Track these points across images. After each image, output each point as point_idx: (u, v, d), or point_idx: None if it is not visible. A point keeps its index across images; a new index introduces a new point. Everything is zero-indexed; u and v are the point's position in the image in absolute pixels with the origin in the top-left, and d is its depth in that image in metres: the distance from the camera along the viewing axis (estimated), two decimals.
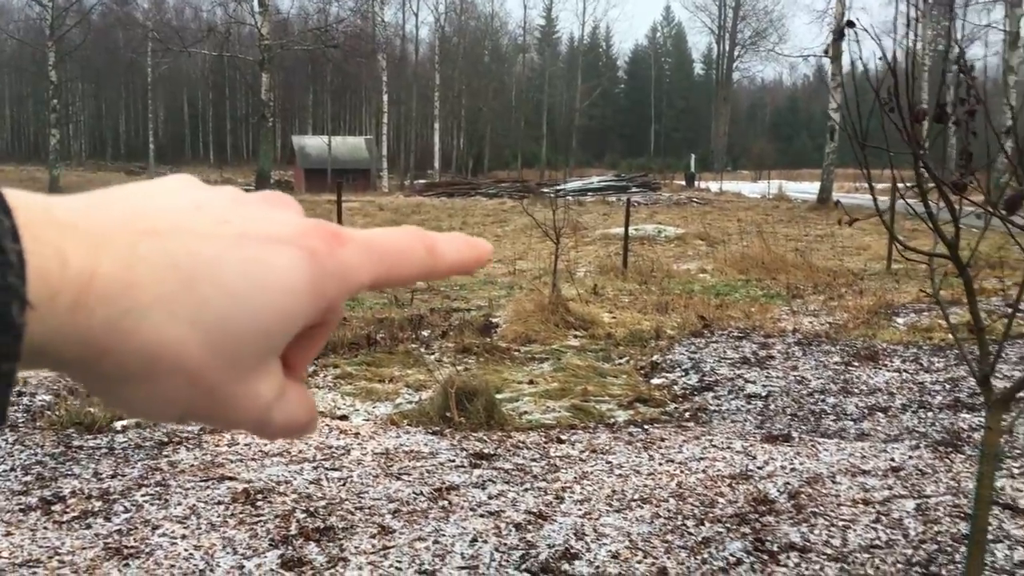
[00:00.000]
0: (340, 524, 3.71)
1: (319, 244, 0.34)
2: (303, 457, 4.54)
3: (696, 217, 23.39)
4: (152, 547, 3.44)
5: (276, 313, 0.33)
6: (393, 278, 0.37)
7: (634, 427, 5.35)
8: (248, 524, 3.68)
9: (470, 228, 20.58)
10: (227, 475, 4.25)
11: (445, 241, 0.39)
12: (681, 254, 14.98)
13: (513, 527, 3.73)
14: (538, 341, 7.79)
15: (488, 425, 5.28)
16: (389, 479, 4.28)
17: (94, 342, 0.31)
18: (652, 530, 3.73)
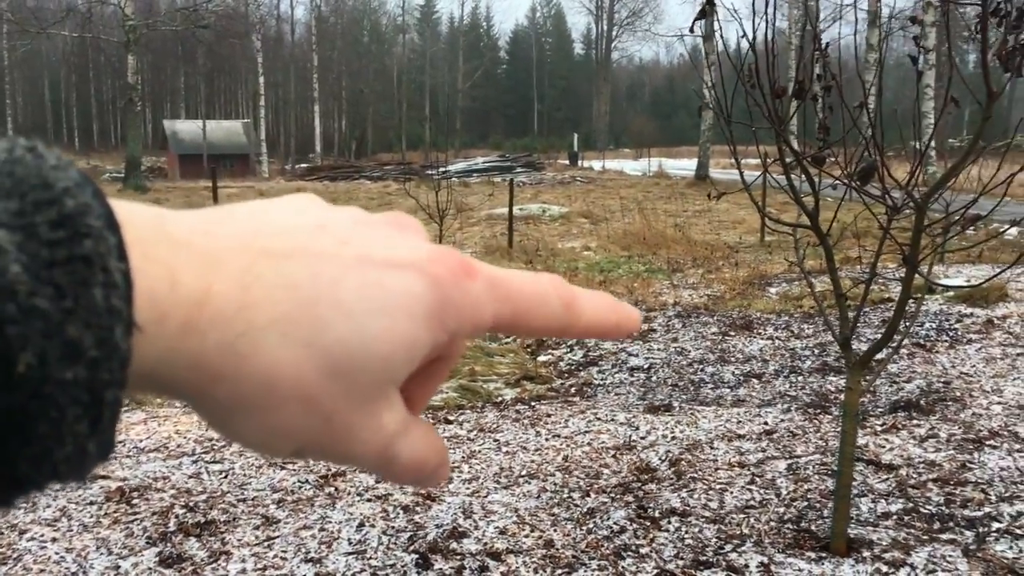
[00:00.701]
0: (222, 517, 3.63)
1: (444, 272, 0.32)
2: (182, 451, 4.41)
3: (580, 196, 23.72)
4: (20, 552, 3.29)
5: (397, 338, 0.31)
6: (520, 325, 0.35)
7: (521, 404, 5.41)
8: (123, 523, 3.55)
9: None
10: (100, 474, 4.08)
11: (587, 299, 0.36)
12: (566, 232, 15.17)
13: (401, 509, 3.72)
14: None
15: None
16: (273, 469, 4.20)
17: (207, 367, 0.29)
18: (539, 504, 3.79)
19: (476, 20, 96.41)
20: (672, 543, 3.39)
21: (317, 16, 53.07)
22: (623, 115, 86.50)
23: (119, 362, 0.26)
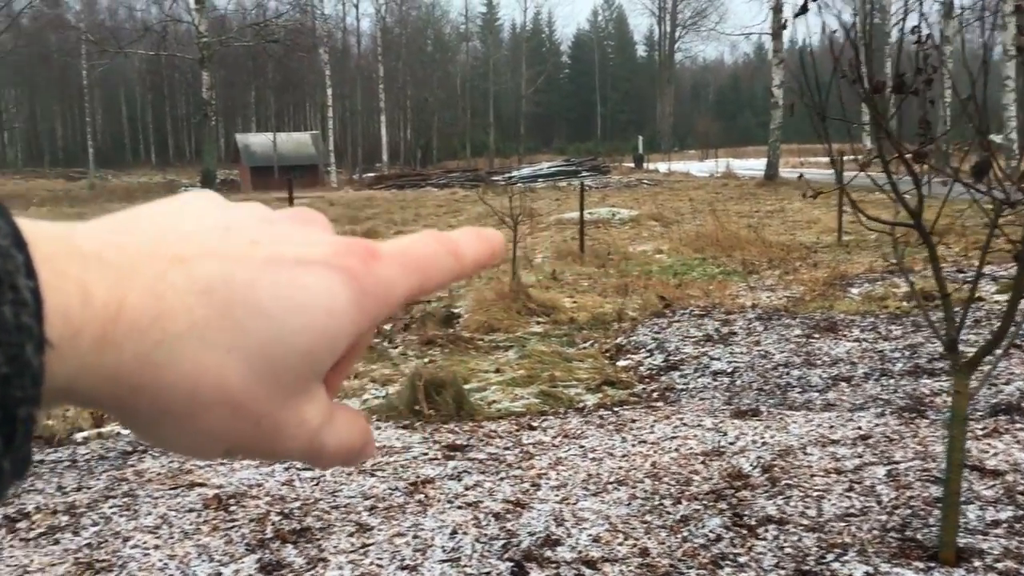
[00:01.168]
0: (316, 524, 3.66)
1: (355, 263, 0.33)
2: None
3: (648, 198, 23.54)
4: (124, 559, 3.36)
5: (318, 335, 0.31)
6: (426, 288, 0.35)
7: (604, 410, 5.37)
8: (222, 530, 3.61)
9: (423, 220, 20.49)
10: (196, 481, 4.17)
11: (464, 241, 0.37)
12: (636, 236, 15.05)
13: (492, 517, 3.71)
14: (501, 329, 7.77)
15: (458, 416, 5.25)
16: (363, 476, 4.23)
17: (126, 379, 0.29)
18: (631, 512, 3.74)
19: (538, 26, 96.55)
20: (771, 552, 3.31)
21: (382, 27, 53.75)
22: (687, 116, 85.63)
23: (31, 379, 0.26)
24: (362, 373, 6.52)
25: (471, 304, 8.56)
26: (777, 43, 27.76)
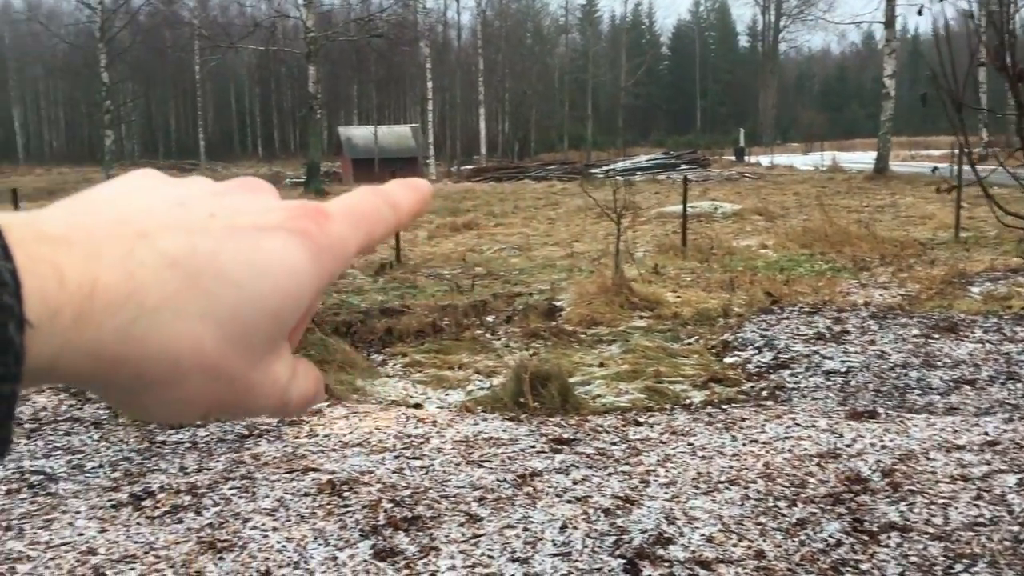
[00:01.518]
0: (427, 513, 3.70)
1: (309, 224, 0.34)
2: (383, 447, 4.54)
3: (750, 192, 23.04)
4: (244, 540, 3.46)
5: (283, 296, 0.33)
6: (373, 241, 0.38)
7: (712, 407, 5.27)
8: (336, 515, 3.68)
9: (522, 211, 20.52)
10: (310, 467, 4.26)
11: (398, 192, 0.40)
12: (740, 230, 14.75)
13: (602, 512, 3.68)
14: (604, 323, 7.71)
15: (563, 410, 5.23)
16: (471, 467, 4.25)
17: (106, 354, 0.30)
18: (744, 512, 3.66)
19: (638, 17, 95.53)
20: (895, 560, 3.19)
21: (482, 21, 54.01)
22: (790, 108, 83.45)
23: (14, 357, 0.28)
24: (467, 364, 6.57)
25: (573, 297, 8.53)
26: (890, 32, 26.79)
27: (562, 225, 17.24)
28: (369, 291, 10.12)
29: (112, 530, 3.58)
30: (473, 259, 12.46)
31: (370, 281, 10.92)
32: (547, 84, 69.58)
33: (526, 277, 10.73)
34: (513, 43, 63.30)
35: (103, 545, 3.43)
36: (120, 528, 3.60)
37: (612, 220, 9.40)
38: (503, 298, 8.91)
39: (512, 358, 6.54)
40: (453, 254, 13.24)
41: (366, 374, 6.32)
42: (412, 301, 9.02)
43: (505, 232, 16.31)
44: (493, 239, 15.00)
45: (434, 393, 5.90)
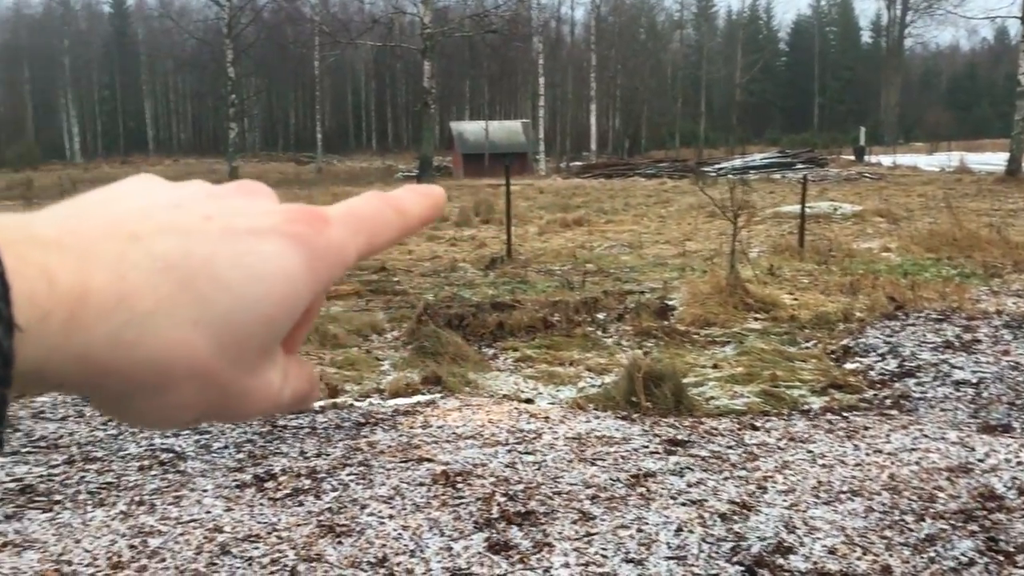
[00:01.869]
0: (540, 509, 3.69)
1: (306, 229, 0.34)
2: (496, 440, 4.56)
3: (871, 193, 22.24)
4: (362, 526, 3.53)
5: (277, 301, 0.32)
6: (375, 247, 0.37)
7: (832, 414, 5.10)
8: (451, 506, 3.72)
9: (633, 209, 20.33)
10: (425, 457, 4.31)
11: (407, 197, 0.39)
12: (860, 232, 14.25)
13: (718, 517, 3.60)
14: (717, 324, 7.56)
15: (677, 411, 5.15)
16: (583, 464, 4.23)
17: (97, 359, 0.30)
18: (867, 525, 3.52)
19: (755, 12, 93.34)
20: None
21: (596, 16, 53.80)
22: (915, 106, 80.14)
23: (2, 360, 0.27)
24: (578, 361, 6.54)
25: (686, 297, 8.39)
26: None
27: (673, 223, 17.01)
28: (480, 285, 10.20)
29: (237, 509, 3.71)
30: (583, 256, 12.41)
31: (481, 275, 11.01)
32: (660, 80, 68.79)
33: (637, 275, 10.62)
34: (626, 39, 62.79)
35: (229, 523, 3.56)
36: (244, 508, 3.72)
37: (726, 219, 9.21)
38: (614, 296, 8.85)
39: (624, 356, 6.48)
40: (563, 250, 13.22)
41: (478, 367, 6.37)
42: (523, 296, 9.04)
43: (615, 229, 16.19)
44: (603, 236, 14.92)
45: (545, 389, 5.90)
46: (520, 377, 6.18)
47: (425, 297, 8.99)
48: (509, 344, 7.09)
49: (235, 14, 34.02)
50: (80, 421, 4.95)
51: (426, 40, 27.21)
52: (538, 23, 44.73)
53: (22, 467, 4.26)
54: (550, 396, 5.74)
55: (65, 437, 4.70)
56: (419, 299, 8.99)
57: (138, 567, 3.16)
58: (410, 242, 15.11)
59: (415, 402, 5.39)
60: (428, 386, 5.78)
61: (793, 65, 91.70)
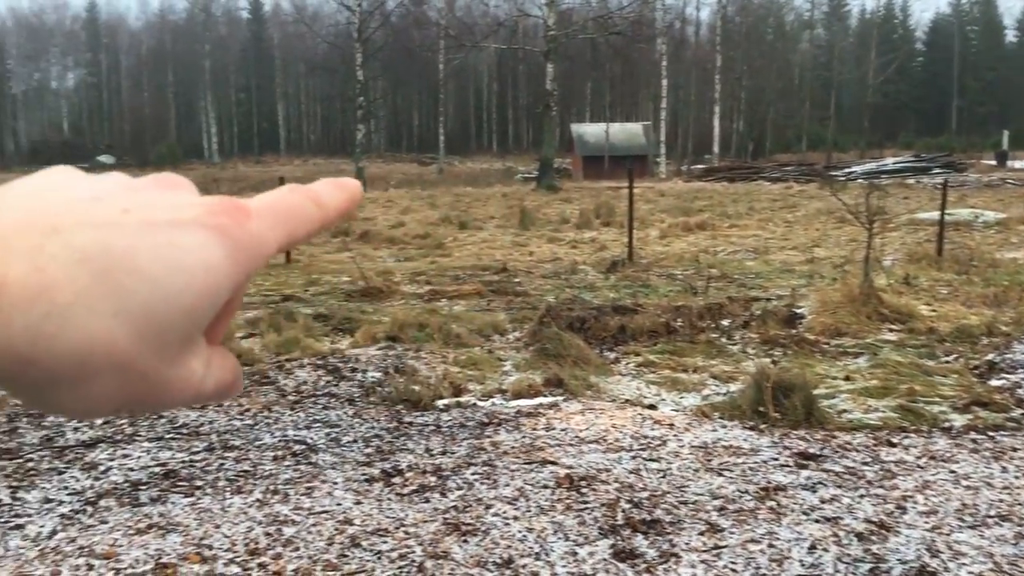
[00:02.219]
0: (666, 518, 3.63)
1: (227, 221, 0.34)
2: (620, 446, 4.52)
3: (1016, 200, 21.07)
4: (487, 526, 3.54)
5: (198, 292, 0.33)
6: (295, 239, 0.37)
7: (976, 433, 4.83)
8: (575, 510, 3.69)
9: (758, 213, 19.86)
10: (548, 459, 4.31)
11: (324, 190, 0.39)
12: (1004, 241, 13.50)
13: (854, 536, 3.46)
14: (849, 334, 7.29)
15: (808, 423, 4.98)
16: (710, 474, 4.14)
17: (16, 351, 0.30)
18: (1019, 553, 3.32)
19: (890, 11, 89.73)
20: None
21: (723, 17, 52.81)
22: None
23: None
24: (702, 368, 6.42)
25: (815, 305, 8.12)
26: None
27: (800, 229, 16.51)
28: (601, 288, 10.15)
29: (366, 503, 3.78)
30: (706, 260, 12.19)
31: (602, 278, 10.95)
32: (787, 82, 66.98)
33: (763, 281, 10.36)
34: (753, 39, 61.39)
35: (358, 516, 3.64)
36: (373, 502, 3.80)
37: (858, 225, 8.87)
38: (739, 302, 8.64)
39: (750, 364, 6.32)
40: (685, 254, 13.02)
41: (599, 371, 6.33)
42: (644, 300, 8.94)
43: (739, 234, 15.84)
44: (727, 240, 14.62)
45: (668, 395, 5.80)
46: (642, 382, 6.11)
47: (546, 299, 9.00)
48: (631, 348, 7.02)
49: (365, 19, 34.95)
50: (219, 410, 5.17)
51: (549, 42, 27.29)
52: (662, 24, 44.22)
53: (166, 452, 4.47)
54: (673, 403, 5.64)
55: (205, 425, 4.90)
56: (540, 300, 9.01)
57: (273, 555, 3.27)
58: (530, 243, 15.19)
59: (537, 404, 5.39)
60: (550, 388, 5.78)
61: (930, 65, 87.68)
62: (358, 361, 6.25)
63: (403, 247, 15.08)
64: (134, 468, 4.27)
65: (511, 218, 19.30)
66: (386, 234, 16.58)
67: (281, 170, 46.72)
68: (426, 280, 10.95)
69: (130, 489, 4.00)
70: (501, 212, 21.30)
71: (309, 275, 11.55)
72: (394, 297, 9.52)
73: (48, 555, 3.27)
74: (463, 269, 11.97)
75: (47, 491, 3.99)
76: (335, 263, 12.79)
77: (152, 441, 4.65)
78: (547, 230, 17.15)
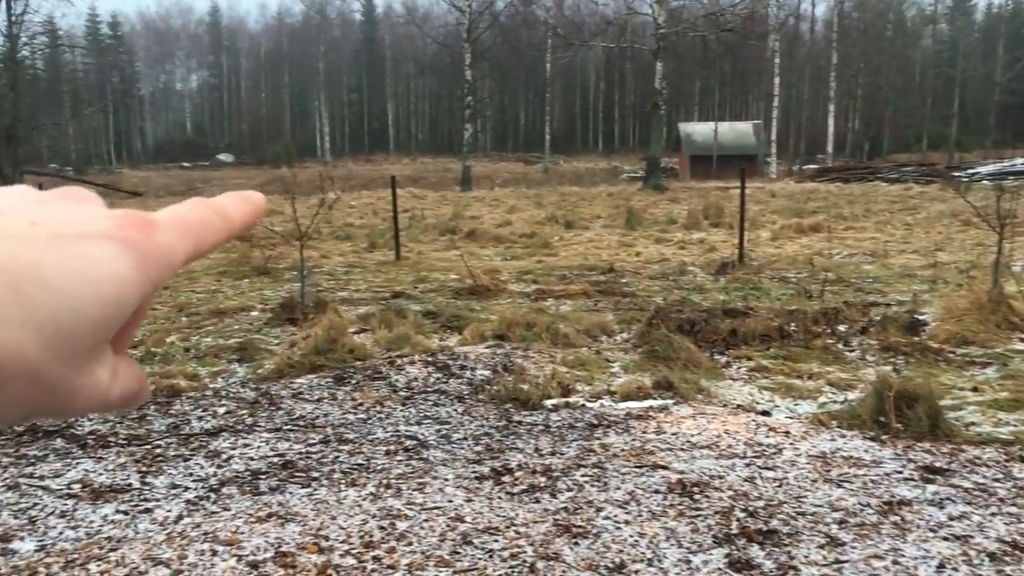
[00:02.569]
0: (784, 529, 3.52)
1: (134, 233, 0.35)
2: (733, 452, 4.41)
3: None
4: (598, 529, 3.51)
5: (105, 303, 0.33)
6: (202, 249, 0.38)
7: None
8: (688, 517, 3.62)
9: (875, 215, 19.17)
10: (659, 463, 4.24)
11: (229, 203, 0.40)
12: None
13: (986, 556, 3.28)
14: (976, 343, 6.95)
15: (933, 435, 4.77)
16: (829, 485, 4.00)
17: None
18: None
19: (1019, 6, 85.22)
20: None
21: (839, 12, 51.17)
22: None
23: None
24: (817, 374, 6.23)
25: (939, 312, 7.77)
26: None
27: (921, 232, 15.85)
28: (710, 290, 9.97)
29: (476, 501, 3.80)
30: (821, 263, 11.82)
31: (711, 280, 10.75)
32: (906, 79, 64.48)
33: (881, 286, 9.98)
34: (871, 35, 59.30)
35: (469, 514, 3.65)
36: (484, 500, 3.81)
37: (985, 228, 8.44)
38: (857, 307, 8.34)
39: (869, 372, 6.09)
40: (799, 257, 12.67)
41: (710, 375, 6.21)
42: (756, 303, 8.73)
43: (856, 236, 15.31)
44: (843, 243, 14.15)
45: (782, 401, 5.65)
46: (755, 387, 5.96)
47: (655, 300, 8.90)
48: (742, 352, 6.86)
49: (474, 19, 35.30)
50: (333, 404, 5.29)
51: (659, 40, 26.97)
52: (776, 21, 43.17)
53: (284, 443, 4.59)
54: (788, 409, 5.49)
55: (321, 418, 5.02)
56: (647, 302, 8.91)
57: (388, 548, 3.31)
58: (637, 243, 15.04)
59: (647, 406, 5.33)
60: (659, 391, 5.70)
61: None
62: (467, 359, 6.30)
63: (509, 246, 15.15)
64: (254, 458, 4.40)
65: (617, 218, 19.16)
66: (493, 233, 16.69)
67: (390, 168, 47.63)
68: (533, 279, 10.97)
69: (251, 478, 4.13)
70: (607, 212, 21.18)
71: (418, 272, 11.72)
72: (501, 296, 9.57)
73: (175, 539, 3.40)
74: (570, 269, 11.95)
75: (174, 477, 4.16)
76: (443, 261, 12.95)
77: (271, 432, 4.79)
78: (654, 230, 16.96)
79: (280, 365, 6.30)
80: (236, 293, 10.13)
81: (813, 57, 58.59)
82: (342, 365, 6.25)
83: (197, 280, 11.20)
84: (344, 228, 17.54)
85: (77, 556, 3.28)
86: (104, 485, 4.08)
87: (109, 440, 4.70)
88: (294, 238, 9.08)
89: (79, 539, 3.54)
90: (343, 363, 6.31)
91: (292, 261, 11.59)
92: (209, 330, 7.93)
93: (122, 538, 3.49)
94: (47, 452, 4.52)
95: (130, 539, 3.46)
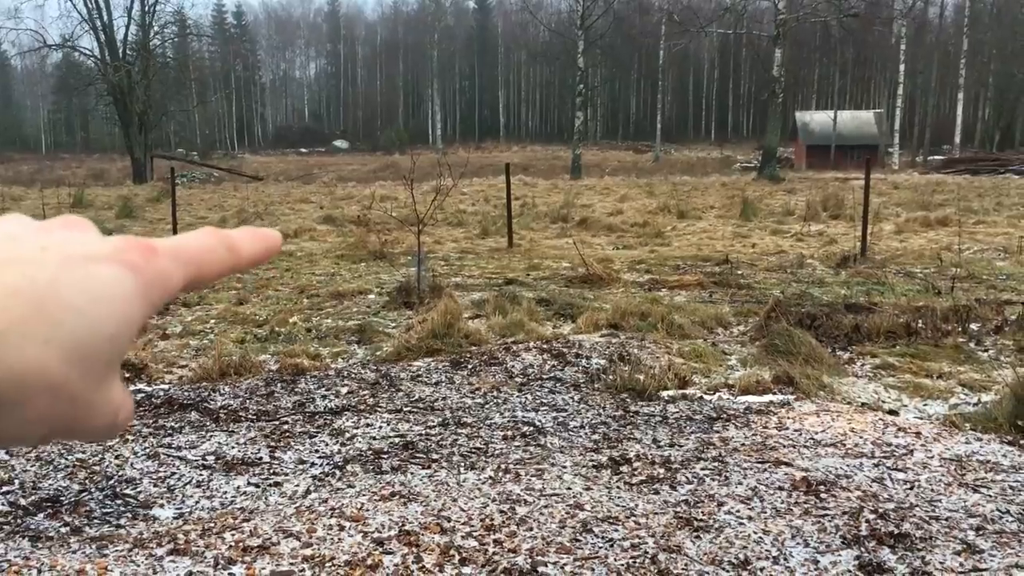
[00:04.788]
0: (916, 533, 3.39)
1: (136, 258, 0.36)
2: (860, 451, 4.27)
3: None
4: (720, 524, 3.45)
5: (119, 321, 0.35)
6: (203, 278, 0.40)
7: None
8: (814, 516, 3.53)
9: (1007, 209, 18.23)
10: (782, 460, 4.14)
11: (241, 237, 0.42)
12: None
13: None
14: None
15: None
16: (964, 490, 3.83)
17: None
18: None
19: None
20: None
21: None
22: None
23: None
24: (948, 374, 5.97)
25: None
26: None
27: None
28: (831, 284, 9.67)
29: (595, 489, 3.79)
30: (949, 259, 11.31)
31: (831, 274, 10.43)
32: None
33: (1017, 283, 9.49)
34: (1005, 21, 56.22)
35: (588, 502, 3.65)
36: (602, 489, 3.80)
37: None
38: (990, 305, 7.95)
39: (1005, 373, 5.80)
40: (925, 251, 12.15)
41: (832, 371, 6.02)
42: (879, 299, 8.42)
43: (987, 231, 14.59)
44: (973, 238, 13.50)
45: (910, 401, 5.43)
46: (880, 385, 5.76)
47: (772, 293, 8.68)
48: (866, 349, 6.63)
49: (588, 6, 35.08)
50: (451, 387, 5.36)
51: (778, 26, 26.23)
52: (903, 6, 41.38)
53: (404, 424, 4.68)
54: (917, 409, 5.28)
55: (439, 401, 5.10)
56: (765, 294, 8.70)
57: (508, 532, 3.34)
58: (753, 235, 14.72)
59: (767, 401, 5.21)
60: (779, 386, 5.56)
61: None
62: (582, 347, 6.29)
63: (621, 235, 15.03)
64: (376, 437, 4.51)
65: (732, 208, 18.77)
66: (604, 221, 16.59)
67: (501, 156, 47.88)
68: (646, 269, 10.86)
69: (373, 457, 4.23)
70: (721, 202, 20.77)
71: (530, 260, 11.76)
72: (614, 285, 9.51)
73: (303, 513, 3.51)
74: (683, 259, 11.78)
75: (301, 453, 4.30)
76: (554, 249, 12.95)
77: (391, 413, 4.89)
78: (770, 222, 16.54)
79: (398, 348, 6.43)
80: (354, 276, 10.37)
81: (941, 43, 55.98)
82: (458, 350, 6.33)
83: (317, 263, 11.53)
84: (457, 215, 17.73)
85: (213, 525, 3.43)
86: (236, 458, 4.25)
87: (240, 415, 4.88)
88: (410, 224, 9.24)
89: (214, 508, 3.70)
90: (459, 348, 6.39)
91: (407, 246, 11.80)
92: (329, 312, 8.15)
93: (254, 509, 3.62)
94: (183, 424, 4.73)
95: (261, 511, 3.59)
